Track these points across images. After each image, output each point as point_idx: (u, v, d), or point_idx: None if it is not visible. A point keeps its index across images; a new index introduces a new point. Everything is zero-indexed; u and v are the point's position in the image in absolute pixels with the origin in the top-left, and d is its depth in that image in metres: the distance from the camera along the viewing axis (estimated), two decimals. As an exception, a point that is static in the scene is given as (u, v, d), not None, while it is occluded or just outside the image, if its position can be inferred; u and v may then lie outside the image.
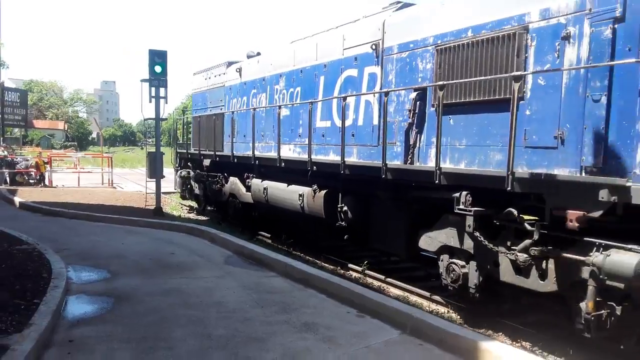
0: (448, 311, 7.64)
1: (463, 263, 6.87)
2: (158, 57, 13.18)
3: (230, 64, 14.60)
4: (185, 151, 16.93)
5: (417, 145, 7.68)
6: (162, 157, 14.45)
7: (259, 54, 13.95)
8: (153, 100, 13.64)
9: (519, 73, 5.77)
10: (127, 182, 26.69)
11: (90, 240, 10.32)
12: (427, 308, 7.43)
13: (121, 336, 5.22)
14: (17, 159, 24.02)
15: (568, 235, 5.42)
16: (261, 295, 6.77)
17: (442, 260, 7.25)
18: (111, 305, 6.25)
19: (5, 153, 23.91)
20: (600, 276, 4.97)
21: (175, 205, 18.42)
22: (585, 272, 5.22)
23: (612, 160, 5.21)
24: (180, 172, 17.24)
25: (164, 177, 14.63)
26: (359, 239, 9.60)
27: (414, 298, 8.14)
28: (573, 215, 5.16)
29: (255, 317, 5.90)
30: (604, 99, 5.23)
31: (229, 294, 6.80)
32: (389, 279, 8.98)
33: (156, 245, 10.10)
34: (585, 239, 5.26)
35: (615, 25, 5.17)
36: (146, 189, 16.22)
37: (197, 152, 15.22)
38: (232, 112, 13.51)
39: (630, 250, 4.84)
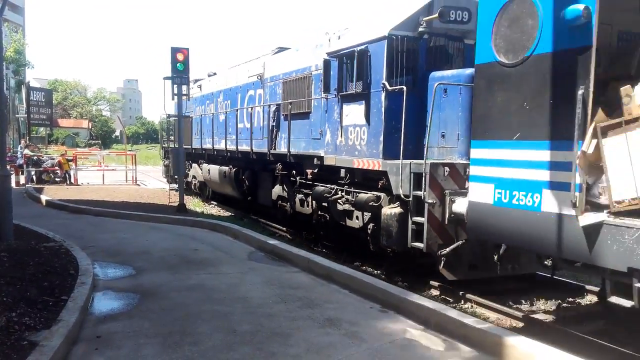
0: (472, 306, 7.59)
1: (286, 204, 12.39)
2: (180, 55, 13.26)
3: (196, 80, 19.30)
4: (167, 146, 22.63)
5: (276, 138, 12.83)
6: (184, 154, 14.61)
7: (215, 74, 18.65)
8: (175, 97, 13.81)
9: (308, 98, 11.28)
10: (150, 179, 26.99)
11: (116, 237, 10.46)
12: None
13: (148, 331, 5.28)
14: (43, 157, 24.42)
15: (309, 182, 11.02)
16: (284, 291, 6.80)
17: (277, 204, 12.87)
18: (137, 301, 6.33)
19: (29, 152, 24.27)
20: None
21: (198, 202, 18.57)
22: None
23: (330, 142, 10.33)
24: (164, 162, 22.86)
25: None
26: (253, 199, 14.82)
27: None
28: (309, 172, 11.00)
29: (279, 313, 5.92)
30: (337, 115, 9.98)
31: (252, 290, 6.85)
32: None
33: (180, 241, 10.20)
34: (315, 183, 10.77)
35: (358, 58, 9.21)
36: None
37: (172, 146, 20.05)
38: (195, 117, 18.86)
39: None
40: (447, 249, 7.51)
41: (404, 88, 8.13)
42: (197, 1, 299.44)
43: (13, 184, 22.12)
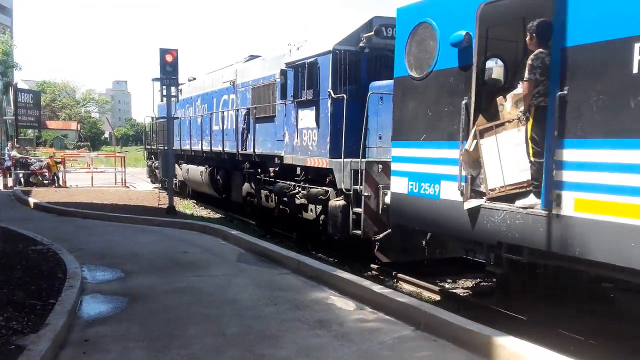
0: (461, 307, 7.62)
1: (254, 199, 13.76)
2: (169, 56, 13.21)
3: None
4: (150, 147, 24.45)
5: (246, 140, 13.86)
6: (173, 155, 14.56)
7: (194, 78, 19.82)
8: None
9: (270, 104, 12.56)
10: (139, 181, 26.84)
11: (104, 240, 10.41)
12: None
13: (136, 335, 5.25)
14: (31, 159, 24.25)
15: (272, 179, 12.44)
16: (274, 293, 6.79)
17: (247, 200, 14.32)
18: (126, 304, 6.30)
19: (17, 154, 24.12)
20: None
21: (188, 204, 18.52)
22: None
23: (288, 143, 11.67)
24: (147, 162, 25.04)
25: (176, 176, 17.65)
26: (227, 196, 15.95)
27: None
28: (271, 170, 12.39)
29: (268, 315, 5.92)
30: (294, 119, 11.32)
31: (242, 292, 6.83)
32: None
33: (169, 244, 10.17)
34: (277, 180, 12.09)
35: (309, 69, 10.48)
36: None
37: (155, 148, 22.48)
38: (176, 120, 19.50)
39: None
40: (380, 235, 8.81)
41: (344, 96, 9.44)
42: (187, 3, 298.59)
43: (0, 187, 22.07)
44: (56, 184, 22.35)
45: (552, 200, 5.47)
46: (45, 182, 22.45)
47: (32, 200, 16.24)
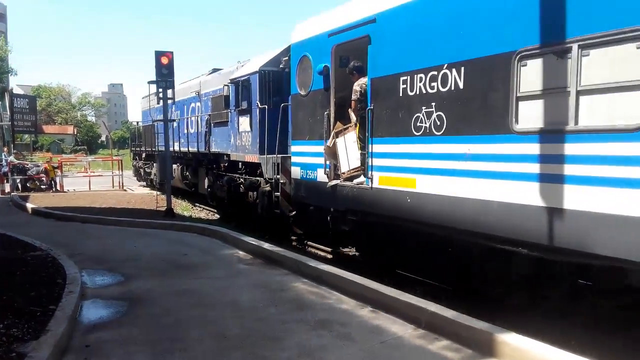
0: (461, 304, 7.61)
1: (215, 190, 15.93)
2: (164, 58, 13.17)
3: (156, 93, 22.09)
4: (135, 149, 28.16)
5: (208, 141, 16.23)
6: (170, 158, 14.54)
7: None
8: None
9: (224, 111, 14.61)
10: (137, 184, 26.81)
11: (103, 244, 10.39)
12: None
13: (137, 339, 5.24)
14: (28, 165, 24.18)
15: (223, 173, 15.14)
16: (274, 294, 6.78)
17: (208, 191, 16.55)
18: (126, 308, 6.28)
19: (14, 159, 24.05)
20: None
21: (186, 206, 18.51)
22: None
23: (233, 143, 14.23)
24: (133, 163, 28.85)
25: (174, 177, 18.45)
26: (195, 190, 18.58)
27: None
28: (222, 165, 15.14)
29: (269, 316, 5.91)
30: (237, 124, 13.87)
31: (242, 293, 6.82)
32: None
33: (169, 246, 10.15)
34: (227, 174, 14.64)
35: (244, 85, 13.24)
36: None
37: (140, 150, 26.39)
38: (157, 124, 21.11)
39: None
40: (292, 213, 11.44)
41: (266, 106, 12.08)
42: (182, 7, 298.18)
43: (-2, 193, 22.00)
44: (54, 189, 22.31)
45: (370, 178, 8.26)
46: (42, 187, 22.40)
47: (29, 206, 16.21)
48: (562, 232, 5.53)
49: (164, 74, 13.28)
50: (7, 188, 21.75)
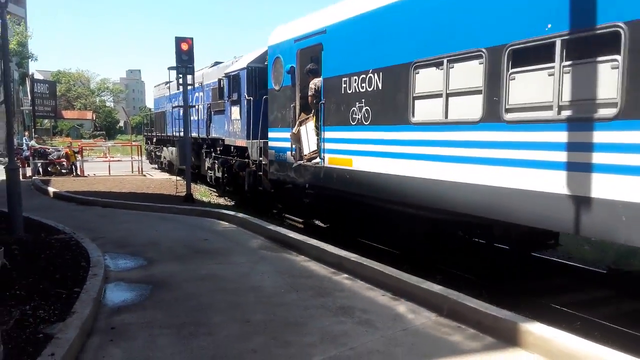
0: (482, 292, 7.58)
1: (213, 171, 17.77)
2: (184, 44, 13.19)
3: (167, 83, 22.75)
4: (147, 134, 31.96)
5: (209, 127, 18.05)
6: (190, 144, 14.63)
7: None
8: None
9: (220, 101, 16.49)
10: (156, 170, 26.99)
11: (125, 228, 10.50)
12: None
13: (161, 322, 5.30)
14: (49, 149, 24.44)
15: (219, 155, 17.11)
16: (296, 280, 6.81)
17: (207, 172, 18.54)
18: (149, 292, 6.35)
19: (35, 144, 24.32)
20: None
21: (205, 192, 18.60)
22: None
23: (226, 130, 16.18)
24: (146, 147, 30.76)
25: (192, 162, 19.04)
26: (198, 171, 19.97)
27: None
28: (218, 149, 17.15)
29: (291, 302, 5.93)
30: (230, 112, 15.75)
31: (264, 279, 6.86)
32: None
33: (189, 231, 10.23)
34: (222, 156, 16.68)
35: (235, 78, 15.04)
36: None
37: (152, 135, 29.64)
38: (167, 111, 23.91)
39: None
40: (272, 190, 13.19)
41: (252, 98, 13.56)
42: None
43: (20, 177, 22.25)
44: (74, 173, 22.54)
45: (322, 159, 10.21)
46: (63, 171, 22.64)
47: (51, 190, 16.42)
48: (430, 194, 7.76)
49: (184, 60, 13.33)
50: (29, 172, 22.02)
